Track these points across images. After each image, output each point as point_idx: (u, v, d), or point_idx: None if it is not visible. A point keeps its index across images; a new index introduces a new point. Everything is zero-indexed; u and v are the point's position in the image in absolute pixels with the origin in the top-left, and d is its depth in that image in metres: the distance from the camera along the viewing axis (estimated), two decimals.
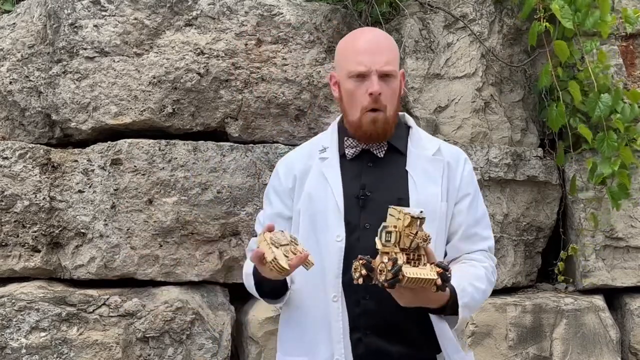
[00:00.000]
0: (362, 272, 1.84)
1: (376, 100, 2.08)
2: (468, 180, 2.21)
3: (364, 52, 2.08)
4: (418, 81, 3.46)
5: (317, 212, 2.12)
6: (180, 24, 3.28)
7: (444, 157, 2.19)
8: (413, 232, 1.80)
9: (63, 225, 3.15)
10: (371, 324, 2.06)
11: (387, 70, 2.09)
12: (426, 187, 2.12)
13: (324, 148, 2.21)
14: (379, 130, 2.12)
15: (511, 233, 3.48)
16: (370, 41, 2.11)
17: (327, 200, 2.11)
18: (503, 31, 3.58)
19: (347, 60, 2.12)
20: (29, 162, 3.14)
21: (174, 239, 3.17)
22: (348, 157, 2.18)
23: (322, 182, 2.15)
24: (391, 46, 2.15)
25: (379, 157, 2.16)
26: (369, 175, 2.14)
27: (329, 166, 2.17)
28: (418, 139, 2.22)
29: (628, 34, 3.73)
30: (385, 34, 2.20)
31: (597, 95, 3.37)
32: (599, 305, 3.45)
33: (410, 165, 2.15)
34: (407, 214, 1.80)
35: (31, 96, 3.30)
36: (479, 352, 3.32)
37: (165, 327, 3.10)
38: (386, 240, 1.82)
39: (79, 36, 3.21)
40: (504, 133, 3.55)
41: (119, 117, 3.22)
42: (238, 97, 3.29)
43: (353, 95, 2.11)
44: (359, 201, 2.10)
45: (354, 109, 2.12)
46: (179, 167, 3.17)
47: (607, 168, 3.35)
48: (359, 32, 2.20)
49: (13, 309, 3.02)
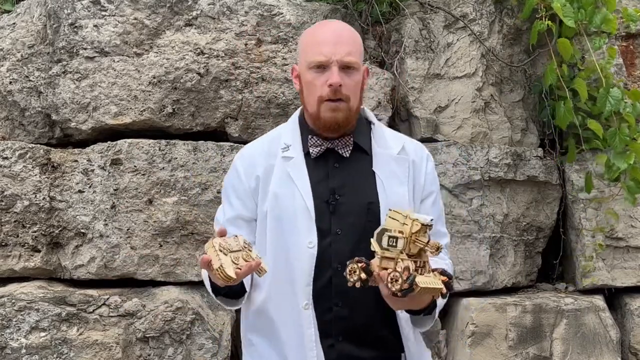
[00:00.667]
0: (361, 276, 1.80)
1: (336, 91, 2.00)
2: (431, 178, 2.18)
3: (324, 42, 2.01)
4: (418, 81, 3.46)
5: (285, 214, 2.04)
6: (180, 24, 3.28)
7: (409, 155, 2.14)
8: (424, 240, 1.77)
9: (63, 225, 3.15)
10: (343, 329, 2.03)
11: (348, 60, 2.01)
12: (394, 188, 2.07)
13: (287, 146, 2.12)
14: (338, 119, 2.03)
15: (511, 233, 3.48)
16: (332, 31, 2.04)
17: (296, 204, 2.04)
18: (503, 31, 3.58)
19: (307, 50, 2.05)
20: (29, 162, 3.14)
21: (174, 239, 3.17)
22: (312, 156, 2.10)
23: (289, 183, 2.06)
24: (354, 38, 2.06)
25: (344, 157, 2.09)
26: (336, 178, 2.07)
27: (294, 167, 2.08)
28: (381, 136, 2.16)
29: (628, 34, 3.72)
30: (350, 27, 2.11)
31: (607, 89, 3.34)
32: (599, 305, 3.45)
33: (376, 165, 2.10)
34: (415, 220, 1.77)
35: (31, 96, 3.30)
36: (479, 352, 3.32)
37: (165, 327, 3.10)
38: (390, 245, 1.78)
39: (79, 36, 3.21)
40: (504, 133, 3.55)
41: (119, 117, 3.22)
42: (238, 97, 3.29)
43: (312, 86, 2.03)
44: (329, 206, 2.04)
45: (312, 98, 2.04)
46: (179, 167, 3.17)
47: (622, 163, 3.33)
48: (323, 22, 2.13)
49: (13, 309, 3.02)
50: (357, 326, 2.03)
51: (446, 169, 3.38)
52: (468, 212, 3.40)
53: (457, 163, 3.39)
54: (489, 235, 3.42)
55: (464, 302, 3.38)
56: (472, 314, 3.33)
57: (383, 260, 1.79)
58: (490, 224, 3.43)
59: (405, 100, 3.46)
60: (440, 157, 3.39)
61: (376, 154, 2.11)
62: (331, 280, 2.01)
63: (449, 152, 3.39)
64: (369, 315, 2.02)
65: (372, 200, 2.05)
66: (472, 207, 3.41)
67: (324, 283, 2.02)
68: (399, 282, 1.75)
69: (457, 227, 3.39)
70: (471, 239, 3.40)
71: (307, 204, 2.03)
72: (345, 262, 1.85)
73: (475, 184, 3.41)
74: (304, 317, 2.01)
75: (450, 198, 3.39)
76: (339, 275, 1.97)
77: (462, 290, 3.41)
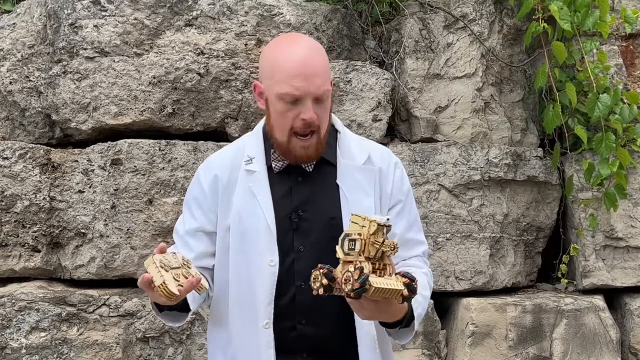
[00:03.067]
0: (322, 282, 1.74)
1: (309, 125, 1.95)
2: (399, 186, 2.10)
3: (296, 75, 1.91)
4: (418, 81, 3.46)
5: (247, 232, 1.99)
6: (180, 24, 3.28)
7: (375, 164, 2.08)
8: (380, 240, 1.71)
9: (63, 225, 3.15)
10: (307, 346, 1.99)
11: (322, 92, 1.95)
12: (358, 200, 2.02)
13: (250, 159, 2.05)
14: (310, 155, 1.99)
15: (511, 233, 3.48)
16: (302, 62, 1.93)
17: (258, 221, 1.99)
18: (503, 31, 3.58)
19: (276, 79, 1.94)
20: (29, 162, 3.14)
21: (174, 239, 3.16)
22: (275, 171, 2.04)
23: (251, 199, 2.01)
24: (324, 63, 1.98)
25: (307, 171, 2.04)
26: (299, 193, 2.02)
27: (256, 182, 2.02)
28: (347, 146, 2.10)
29: (628, 34, 3.73)
30: (316, 46, 2.01)
31: (596, 95, 3.37)
32: (599, 305, 3.45)
33: (340, 177, 2.04)
34: (372, 221, 1.71)
35: (31, 96, 3.30)
36: (479, 352, 3.32)
37: (165, 327, 3.10)
38: (349, 249, 1.73)
39: (79, 36, 3.21)
40: (504, 133, 3.55)
41: (119, 117, 3.22)
42: (238, 97, 3.29)
43: (283, 117, 1.96)
44: (292, 222, 2.00)
45: (282, 129, 1.97)
46: (179, 167, 3.17)
47: (605, 169, 3.35)
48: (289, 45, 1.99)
49: (13, 309, 3.02)
50: (321, 342, 2.00)
51: (446, 169, 3.38)
52: (468, 212, 3.40)
53: (457, 163, 3.39)
54: (489, 235, 3.42)
55: (464, 302, 3.38)
56: (472, 314, 3.32)
57: (344, 265, 1.74)
58: (490, 224, 3.43)
59: (405, 100, 3.46)
60: (440, 157, 3.39)
61: (340, 165, 2.06)
62: (294, 297, 1.98)
63: (449, 152, 3.40)
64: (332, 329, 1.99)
65: (334, 216, 2.01)
66: (472, 207, 3.41)
67: (287, 301, 1.98)
68: (350, 281, 1.69)
69: (457, 227, 3.39)
70: (471, 239, 3.40)
71: (269, 221, 1.98)
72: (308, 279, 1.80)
73: (475, 184, 3.41)
74: (264, 337, 1.97)
75: (450, 198, 3.39)
76: (303, 292, 1.94)
77: (462, 290, 3.41)
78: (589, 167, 3.37)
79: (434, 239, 3.36)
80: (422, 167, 3.37)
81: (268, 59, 2.00)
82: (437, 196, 3.38)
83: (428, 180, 3.37)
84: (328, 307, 1.95)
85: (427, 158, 3.38)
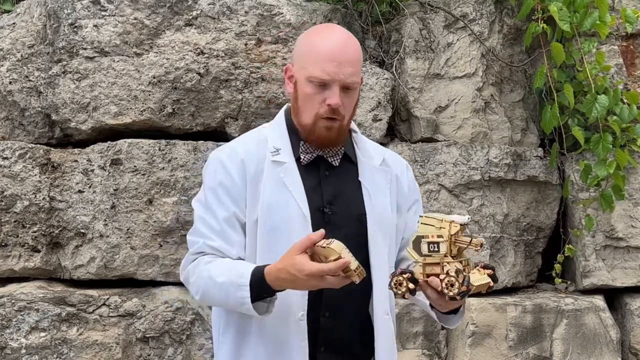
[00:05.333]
0: (409, 287, 1.83)
1: (334, 111, 1.97)
2: (413, 186, 2.18)
3: (330, 60, 1.94)
4: (418, 81, 3.46)
5: (279, 224, 1.97)
6: (180, 23, 3.28)
7: (391, 168, 2.13)
8: (466, 240, 1.81)
9: (63, 225, 3.15)
10: (327, 340, 2.01)
11: (351, 82, 1.97)
12: (379, 198, 2.06)
13: (276, 150, 2.03)
14: (332, 138, 2.00)
15: (511, 233, 3.48)
16: (339, 47, 1.96)
17: (291, 213, 1.97)
18: (503, 31, 3.58)
19: (309, 61, 1.97)
20: (29, 162, 3.14)
21: (174, 239, 3.16)
22: (302, 163, 2.04)
23: (282, 190, 1.99)
24: (358, 54, 2.01)
25: (334, 165, 2.06)
26: (328, 187, 2.03)
27: (287, 172, 2.01)
28: (364, 146, 2.14)
29: (628, 34, 3.72)
30: (354, 39, 2.04)
31: (594, 96, 3.37)
32: (599, 305, 3.45)
33: (362, 175, 2.07)
34: (452, 222, 1.81)
35: (31, 96, 3.30)
36: (479, 352, 3.32)
37: (165, 327, 3.10)
38: (432, 251, 1.81)
39: (79, 36, 3.21)
40: (504, 133, 3.55)
41: (119, 117, 3.22)
42: (238, 97, 3.29)
43: (310, 100, 1.98)
44: (324, 215, 2.00)
45: (308, 112, 1.99)
46: (179, 167, 3.17)
47: (602, 170, 3.35)
48: (328, 31, 2.03)
49: (13, 309, 3.02)
50: (338, 336, 2.02)
51: (446, 169, 3.38)
52: (468, 212, 3.40)
53: (457, 163, 3.39)
54: (489, 235, 3.42)
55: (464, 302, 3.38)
56: (472, 314, 3.32)
57: (427, 267, 1.83)
58: (491, 224, 3.43)
59: (405, 100, 3.46)
60: (440, 157, 3.39)
61: (361, 163, 2.10)
62: (322, 291, 1.96)
63: (449, 152, 3.39)
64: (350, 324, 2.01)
65: (361, 212, 2.04)
66: (472, 207, 3.41)
67: (315, 294, 1.98)
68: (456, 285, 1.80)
69: None
70: None
71: (304, 211, 1.98)
72: None
73: (475, 184, 3.41)
74: (299, 329, 1.96)
75: (450, 198, 3.39)
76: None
77: None
78: (586, 168, 3.37)
79: None
80: (422, 167, 3.37)
81: (305, 43, 2.03)
82: (437, 196, 3.38)
83: (428, 180, 3.37)
84: (351, 301, 1.98)
85: (427, 158, 3.38)
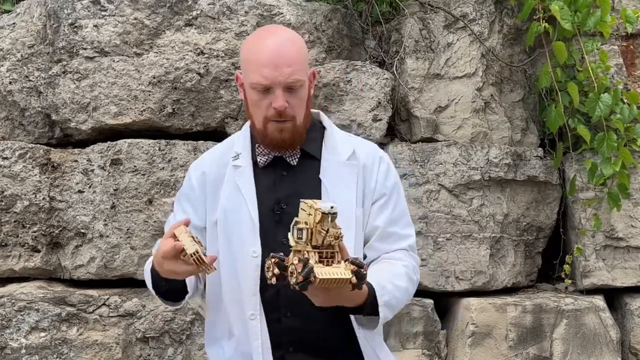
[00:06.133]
0: (274, 272, 1.74)
1: (281, 114, 1.99)
2: (382, 180, 2.12)
3: (265, 64, 1.96)
4: (418, 81, 3.46)
5: (232, 226, 2.04)
6: (180, 23, 3.28)
7: (359, 160, 2.11)
8: (325, 228, 1.70)
9: (63, 225, 3.15)
10: (295, 340, 2.01)
11: (292, 81, 1.98)
12: (339, 194, 2.04)
13: (237, 154, 2.11)
14: (286, 139, 2.03)
15: (511, 233, 3.48)
16: (273, 51, 1.97)
17: (242, 214, 2.04)
18: (503, 31, 3.58)
19: (250, 68, 2.01)
20: (29, 162, 3.14)
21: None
22: (260, 165, 2.08)
23: (236, 194, 2.06)
24: (297, 53, 2.01)
25: (292, 164, 2.08)
26: (282, 186, 2.06)
27: (242, 176, 2.07)
28: (332, 142, 2.13)
29: (628, 34, 3.73)
30: (291, 37, 2.06)
31: (597, 95, 3.37)
32: (599, 305, 3.44)
33: (323, 172, 2.07)
34: (317, 209, 1.71)
35: (31, 96, 3.30)
36: (479, 352, 3.32)
37: (165, 327, 3.10)
38: (298, 238, 1.73)
39: (79, 36, 3.21)
40: (504, 133, 3.55)
41: (119, 117, 3.22)
42: (238, 97, 3.29)
43: (258, 106, 2.02)
44: (275, 215, 2.04)
45: (257, 117, 2.03)
46: (179, 167, 3.17)
47: (608, 169, 3.35)
48: (263, 36, 2.04)
49: (13, 309, 3.02)
50: (309, 336, 2.00)
51: (446, 169, 3.38)
52: (468, 212, 3.40)
53: (457, 163, 3.39)
54: (489, 235, 3.42)
55: (464, 302, 3.38)
56: (472, 314, 3.32)
57: (294, 254, 1.73)
58: (491, 224, 3.43)
59: (405, 100, 3.46)
60: (440, 157, 3.39)
61: (324, 160, 2.10)
62: (279, 291, 1.98)
63: (449, 152, 3.39)
64: (322, 323, 1.98)
65: None
66: (472, 207, 3.41)
67: (272, 294, 1.99)
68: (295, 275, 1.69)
69: (457, 227, 3.39)
70: (471, 239, 3.40)
71: (252, 213, 2.03)
72: None
73: (475, 184, 3.41)
74: (251, 328, 2.00)
75: (450, 198, 3.39)
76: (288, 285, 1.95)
77: (462, 290, 3.40)
78: (592, 166, 3.37)
79: (434, 239, 3.36)
80: (422, 167, 3.37)
81: (245, 50, 2.07)
82: (437, 196, 3.38)
83: (428, 180, 3.37)
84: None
85: (427, 158, 3.38)
